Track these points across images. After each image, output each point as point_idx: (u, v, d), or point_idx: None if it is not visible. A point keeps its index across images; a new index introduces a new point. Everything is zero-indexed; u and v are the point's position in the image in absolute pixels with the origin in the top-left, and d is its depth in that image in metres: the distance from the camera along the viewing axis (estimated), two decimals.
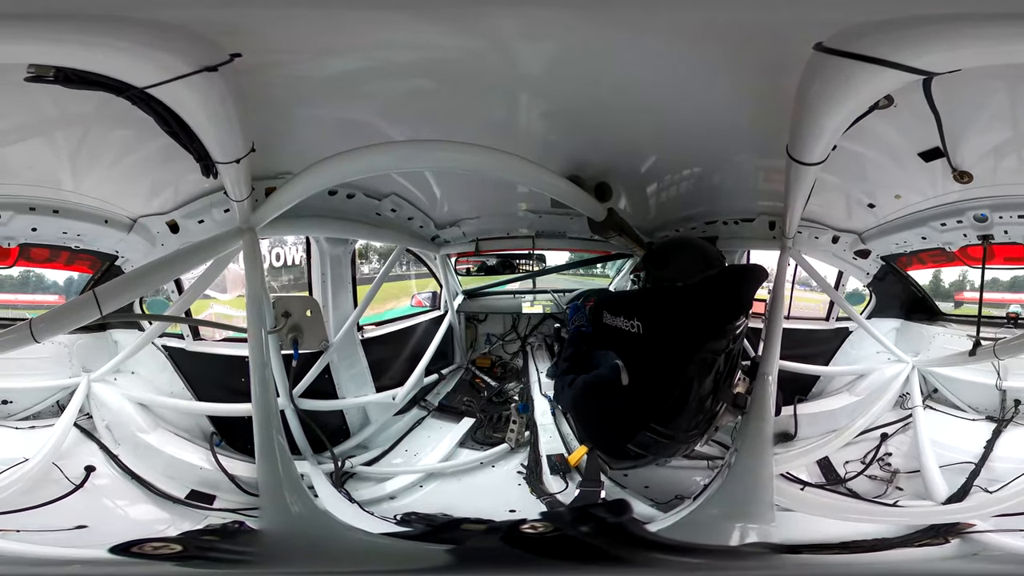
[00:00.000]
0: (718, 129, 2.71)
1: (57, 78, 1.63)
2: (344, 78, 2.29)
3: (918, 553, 2.48)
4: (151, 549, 2.26)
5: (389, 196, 3.55)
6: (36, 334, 2.02)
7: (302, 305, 3.37)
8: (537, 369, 4.63)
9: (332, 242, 3.75)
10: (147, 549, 2.26)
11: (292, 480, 2.53)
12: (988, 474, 3.05)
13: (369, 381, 4.06)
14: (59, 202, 2.79)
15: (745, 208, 3.51)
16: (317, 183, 2.55)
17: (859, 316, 3.90)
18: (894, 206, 3.22)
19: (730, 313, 2.76)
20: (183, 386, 3.56)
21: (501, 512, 2.99)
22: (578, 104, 2.58)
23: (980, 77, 2.16)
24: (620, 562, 2.20)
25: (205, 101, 1.93)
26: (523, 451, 3.63)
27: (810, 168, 2.23)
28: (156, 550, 2.27)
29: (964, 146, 2.59)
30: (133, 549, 2.25)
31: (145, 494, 3.01)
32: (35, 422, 3.22)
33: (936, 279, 3.83)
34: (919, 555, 2.47)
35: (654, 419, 2.73)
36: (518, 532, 2.33)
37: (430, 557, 2.23)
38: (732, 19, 1.87)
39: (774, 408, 2.88)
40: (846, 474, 3.35)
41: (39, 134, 2.43)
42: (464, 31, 1.99)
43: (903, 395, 3.73)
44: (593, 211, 3.19)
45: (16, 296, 3.23)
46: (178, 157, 2.26)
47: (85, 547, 2.44)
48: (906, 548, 2.48)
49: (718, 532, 2.45)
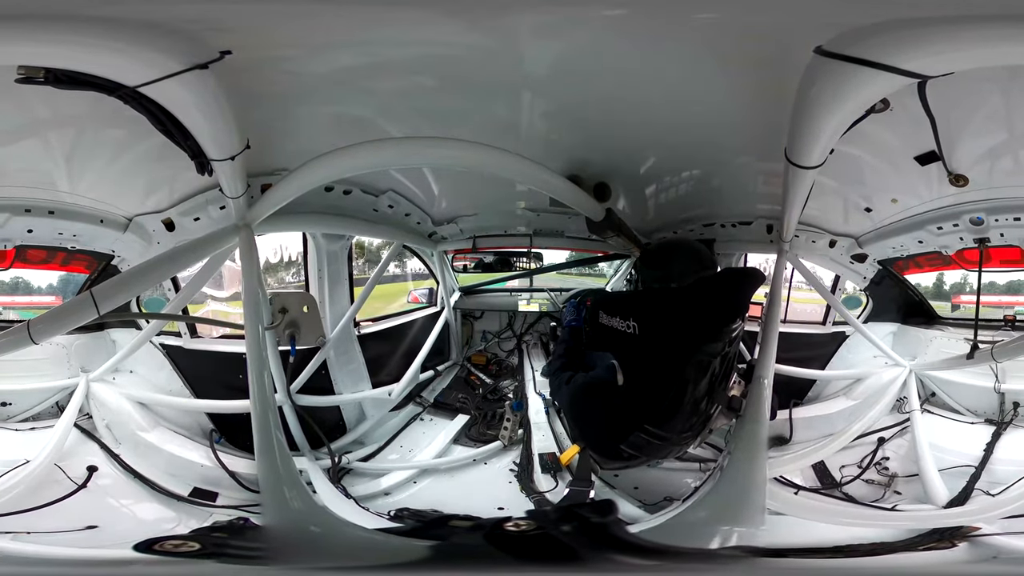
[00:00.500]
0: (717, 132, 2.70)
1: (47, 79, 1.61)
2: (341, 74, 2.28)
3: (926, 557, 2.45)
4: (172, 547, 2.27)
5: (386, 192, 3.54)
6: (34, 335, 2.01)
7: (299, 301, 3.37)
8: (532, 367, 4.64)
9: (329, 238, 3.75)
10: (168, 547, 2.26)
11: (291, 476, 2.54)
12: (989, 477, 3.04)
13: (365, 377, 4.07)
14: (55, 203, 2.79)
15: (743, 211, 3.49)
16: (314, 179, 2.54)
17: (856, 320, 3.88)
18: (891, 210, 3.20)
19: (726, 316, 2.75)
20: (182, 384, 3.56)
21: (490, 509, 3.00)
22: (579, 104, 2.57)
23: (973, 80, 2.15)
24: (591, 563, 2.19)
25: (197, 99, 1.92)
26: (516, 449, 3.64)
27: (808, 171, 2.22)
28: (177, 548, 2.27)
29: (959, 149, 2.58)
30: (155, 547, 2.25)
31: (149, 493, 3.02)
32: (35, 423, 3.21)
33: (935, 282, 3.81)
34: (927, 559, 2.44)
35: (648, 420, 2.72)
36: (501, 530, 2.32)
37: (411, 552, 2.24)
38: (733, 22, 1.86)
39: (769, 412, 2.88)
40: (842, 478, 3.34)
41: (33, 135, 2.42)
42: (464, 28, 1.97)
43: (900, 399, 3.72)
44: (591, 211, 3.18)
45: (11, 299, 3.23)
46: (173, 155, 2.25)
47: (98, 547, 2.47)
48: (910, 552, 2.46)
49: (703, 535, 2.43)
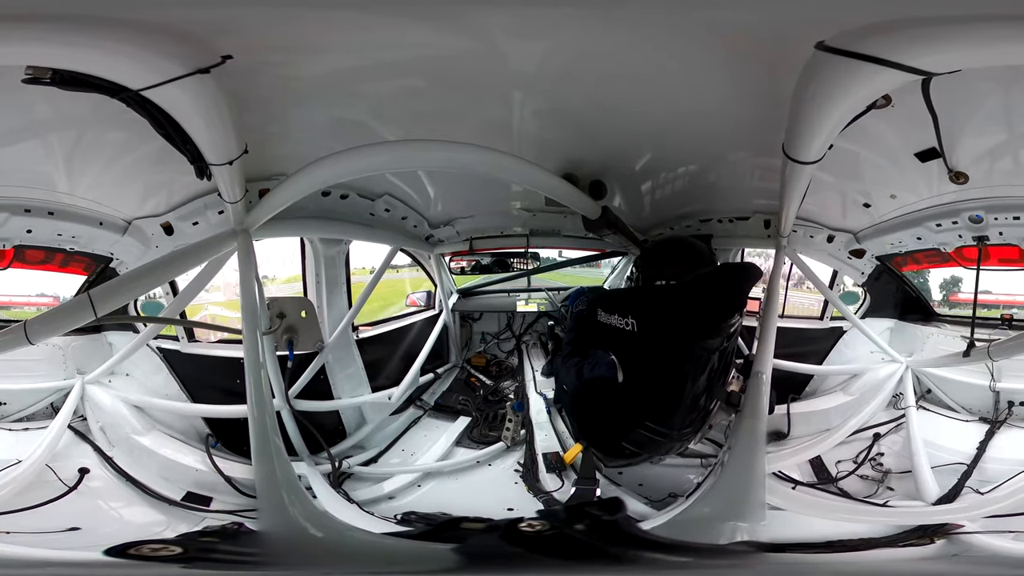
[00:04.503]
0: (714, 127, 2.69)
1: (54, 80, 1.61)
2: (336, 78, 2.27)
3: (901, 553, 2.48)
4: (149, 551, 2.25)
5: (383, 196, 3.54)
6: (31, 336, 2.01)
7: (297, 306, 3.38)
8: (532, 367, 4.65)
9: (326, 243, 3.74)
10: (145, 551, 2.25)
11: (290, 481, 2.52)
12: (980, 475, 3.06)
13: (365, 381, 4.06)
14: (54, 204, 2.78)
15: (740, 207, 3.50)
16: (311, 184, 2.54)
17: (853, 316, 3.91)
18: (889, 206, 3.21)
19: (724, 311, 2.76)
20: (178, 388, 3.55)
21: (500, 510, 3.00)
22: (573, 102, 2.57)
23: (976, 79, 2.15)
24: (614, 560, 2.20)
25: (198, 103, 1.92)
26: (519, 449, 3.64)
27: (806, 167, 2.22)
28: (155, 552, 2.25)
29: (960, 147, 2.59)
30: (130, 551, 2.23)
31: (140, 496, 3.00)
32: (29, 424, 3.21)
33: (934, 280, 3.83)
34: (901, 555, 2.48)
35: (648, 417, 2.73)
36: (516, 531, 2.32)
37: (438, 557, 2.23)
38: (730, 17, 1.86)
39: (767, 407, 2.89)
40: (838, 473, 3.36)
41: (35, 136, 2.41)
42: (457, 29, 1.97)
43: (896, 395, 3.74)
44: (588, 209, 3.17)
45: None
46: (172, 159, 2.25)
47: (78, 549, 2.44)
48: (891, 548, 2.49)
49: (709, 530, 2.45)
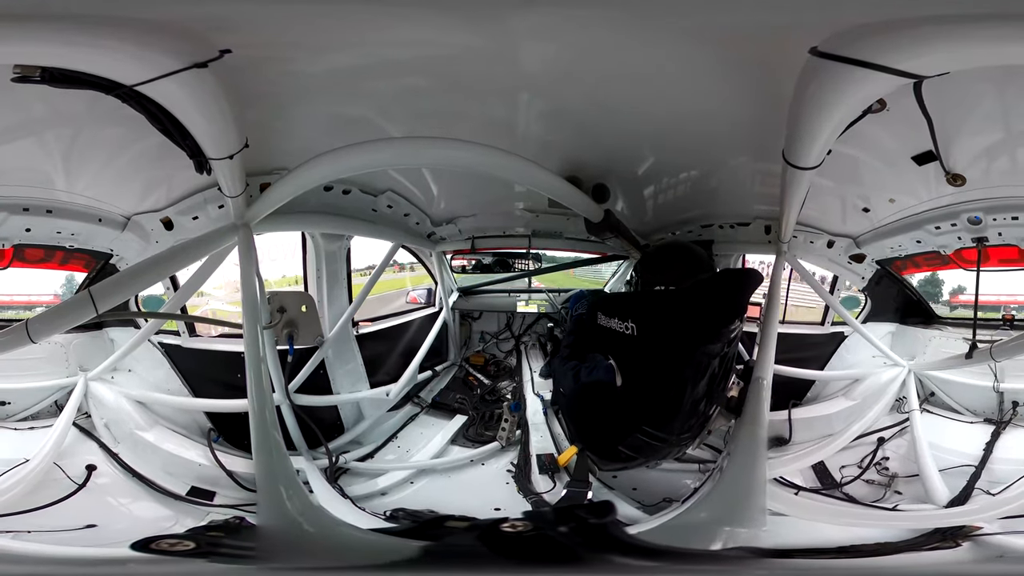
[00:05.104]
0: (714, 128, 2.69)
1: (43, 78, 1.60)
2: (340, 74, 2.28)
3: (931, 557, 2.43)
4: (168, 546, 2.26)
5: (385, 192, 3.54)
6: (33, 334, 2.02)
7: (297, 301, 3.38)
8: (530, 368, 4.63)
9: (327, 238, 3.74)
10: (164, 546, 2.26)
11: (288, 476, 2.53)
12: (988, 476, 3.04)
13: (363, 377, 4.06)
14: (52, 202, 2.78)
15: (741, 212, 3.49)
16: (312, 179, 2.54)
17: (854, 320, 3.89)
18: (888, 210, 3.20)
19: (724, 316, 2.75)
20: (180, 383, 3.57)
21: (487, 510, 2.99)
22: (577, 105, 2.57)
23: (969, 80, 2.15)
24: (588, 564, 2.18)
25: (196, 98, 1.91)
26: (514, 450, 3.63)
27: (805, 172, 2.21)
28: (172, 547, 2.26)
29: (956, 149, 2.58)
30: (152, 546, 2.25)
31: (147, 491, 3.02)
32: (34, 422, 3.22)
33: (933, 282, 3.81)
34: (932, 559, 2.43)
35: (646, 421, 2.73)
36: (496, 531, 2.31)
37: (402, 552, 2.22)
38: (730, 22, 1.86)
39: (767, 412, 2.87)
40: (842, 479, 3.33)
41: (30, 134, 2.41)
42: (463, 29, 1.98)
43: (900, 399, 3.73)
44: (590, 212, 3.17)
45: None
46: (171, 154, 2.24)
47: (97, 546, 2.47)
48: (915, 552, 2.44)
49: (704, 536, 2.42)
